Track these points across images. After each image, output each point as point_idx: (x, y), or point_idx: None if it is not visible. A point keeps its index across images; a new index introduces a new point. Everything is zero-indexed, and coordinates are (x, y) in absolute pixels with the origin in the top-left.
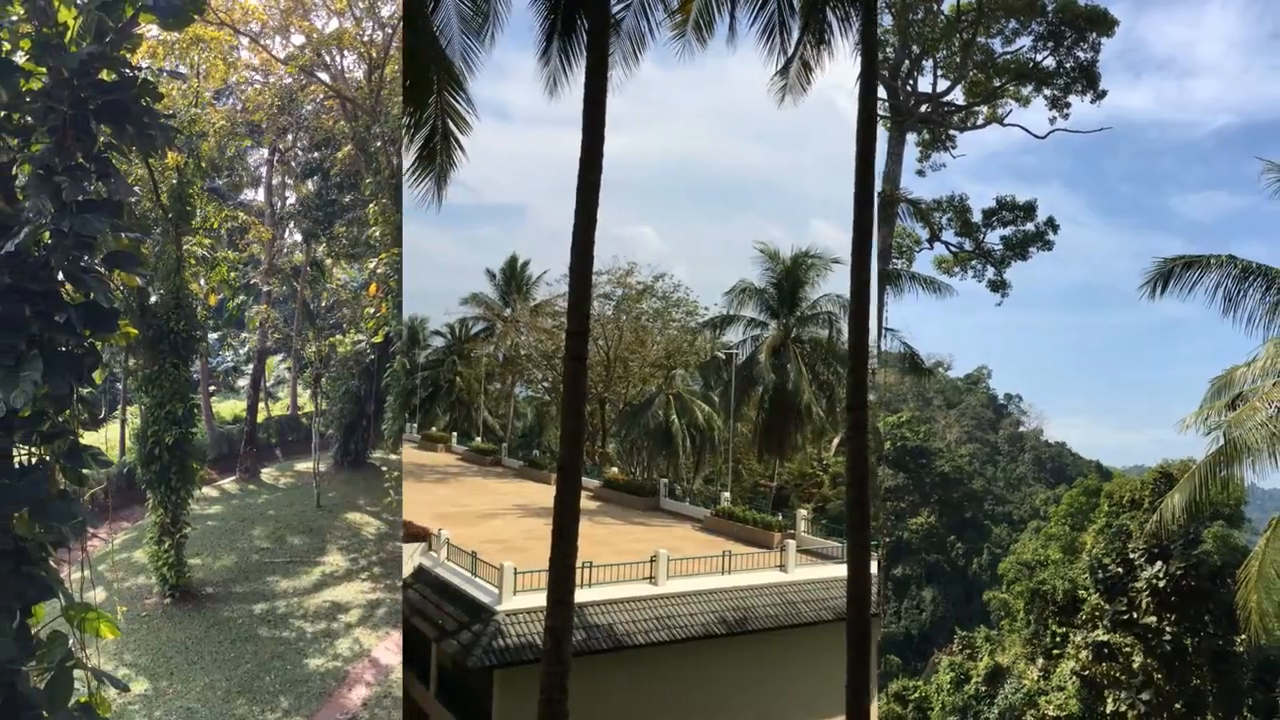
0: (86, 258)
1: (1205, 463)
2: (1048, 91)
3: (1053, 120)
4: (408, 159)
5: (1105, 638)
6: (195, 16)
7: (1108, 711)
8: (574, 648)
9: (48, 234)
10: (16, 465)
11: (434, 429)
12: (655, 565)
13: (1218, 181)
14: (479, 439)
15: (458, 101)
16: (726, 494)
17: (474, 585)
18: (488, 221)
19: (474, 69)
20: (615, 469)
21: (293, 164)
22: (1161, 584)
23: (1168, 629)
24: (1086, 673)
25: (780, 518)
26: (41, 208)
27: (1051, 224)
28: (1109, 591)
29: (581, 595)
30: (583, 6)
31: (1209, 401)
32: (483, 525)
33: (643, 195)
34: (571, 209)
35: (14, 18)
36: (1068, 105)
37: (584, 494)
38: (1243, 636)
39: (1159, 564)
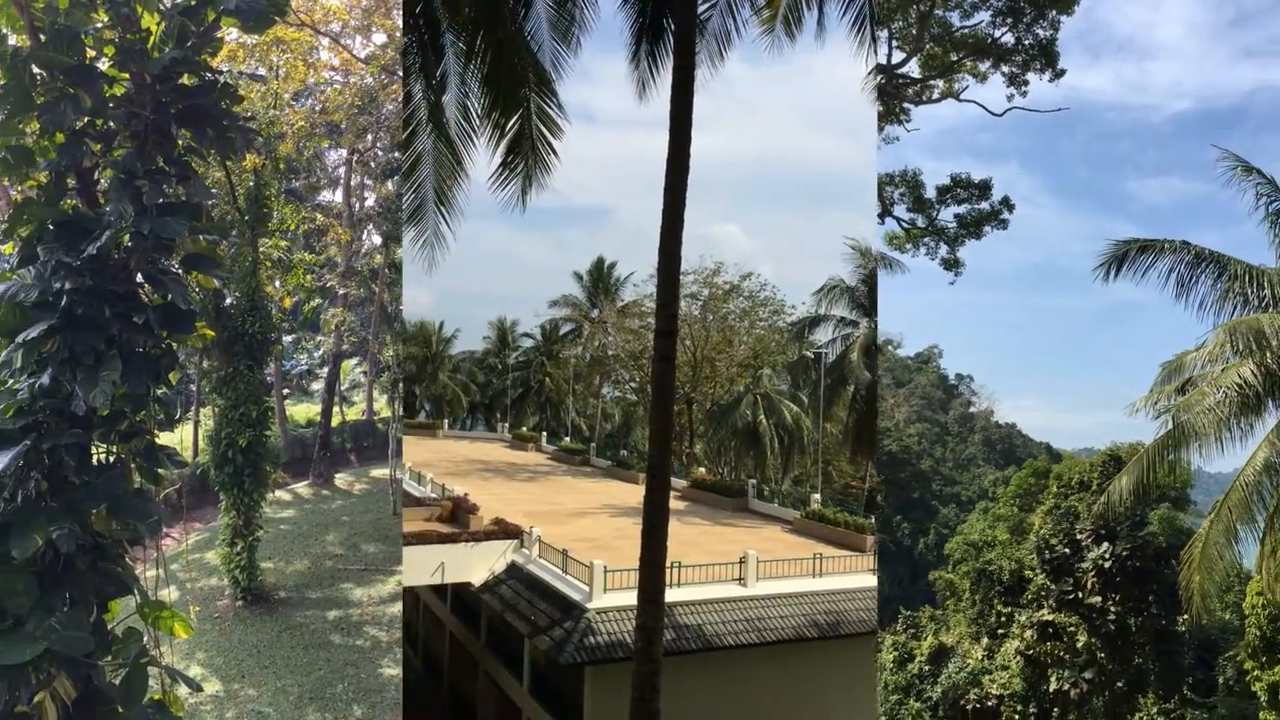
0: (165, 260)
1: (1153, 446)
2: (1005, 68)
3: (1010, 98)
4: (493, 162)
5: (1050, 617)
6: (276, 19)
7: (1050, 690)
8: (664, 647)
9: (128, 237)
10: (95, 463)
11: (523, 428)
12: (744, 566)
13: (1174, 167)
14: (567, 439)
15: (549, 106)
16: (816, 495)
17: (565, 582)
18: (574, 224)
19: (563, 73)
20: (702, 469)
21: (372, 164)
22: (1107, 565)
23: (1112, 609)
24: (1030, 652)
25: (873, 520)
26: (122, 211)
27: (1007, 203)
28: (1055, 572)
29: (671, 595)
30: (670, 9)
31: (1159, 386)
32: (572, 523)
33: (729, 194)
34: (656, 209)
35: (98, 25)
36: (1026, 83)
37: (672, 494)
38: (1185, 616)
39: (1105, 545)
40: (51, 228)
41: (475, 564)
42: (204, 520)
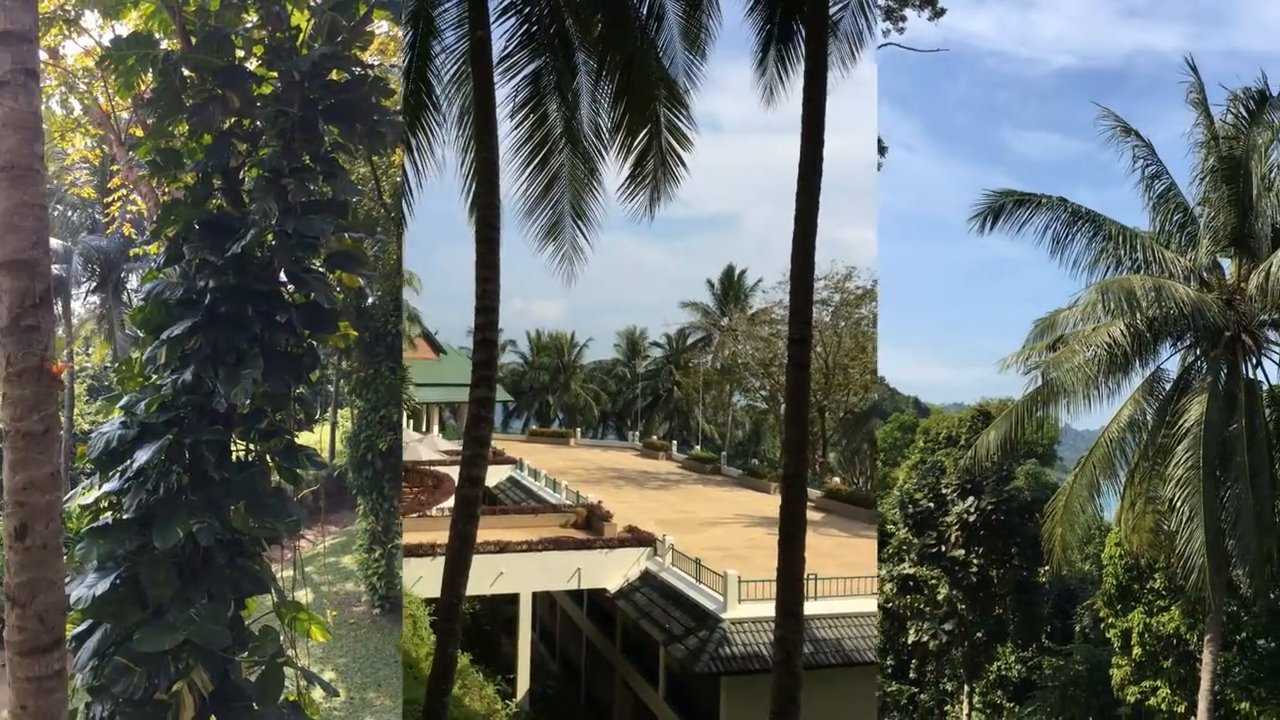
0: (309, 258)
1: (1022, 402)
2: (882, 0)
3: (886, 33)
4: (622, 173)
5: (911, 571)
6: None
7: (909, 642)
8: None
9: (272, 235)
10: (234, 460)
11: (654, 437)
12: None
13: (1054, 123)
14: (698, 447)
15: (679, 118)
16: None
17: (698, 591)
18: (700, 232)
19: (694, 84)
20: (837, 479)
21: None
22: (971, 519)
23: (974, 561)
24: (890, 605)
25: None
26: (267, 210)
27: (880, 146)
28: (918, 526)
29: (808, 608)
30: (799, 12)
31: (1031, 342)
32: (705, 532)
33: (860, 197)
34: (782, 215)
35: (248, 25)
36: (903, 19)
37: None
38: (1046, 568)
39: (970, 499)
40: (197, 227)
41: (610, 570)
42: (340, 524)
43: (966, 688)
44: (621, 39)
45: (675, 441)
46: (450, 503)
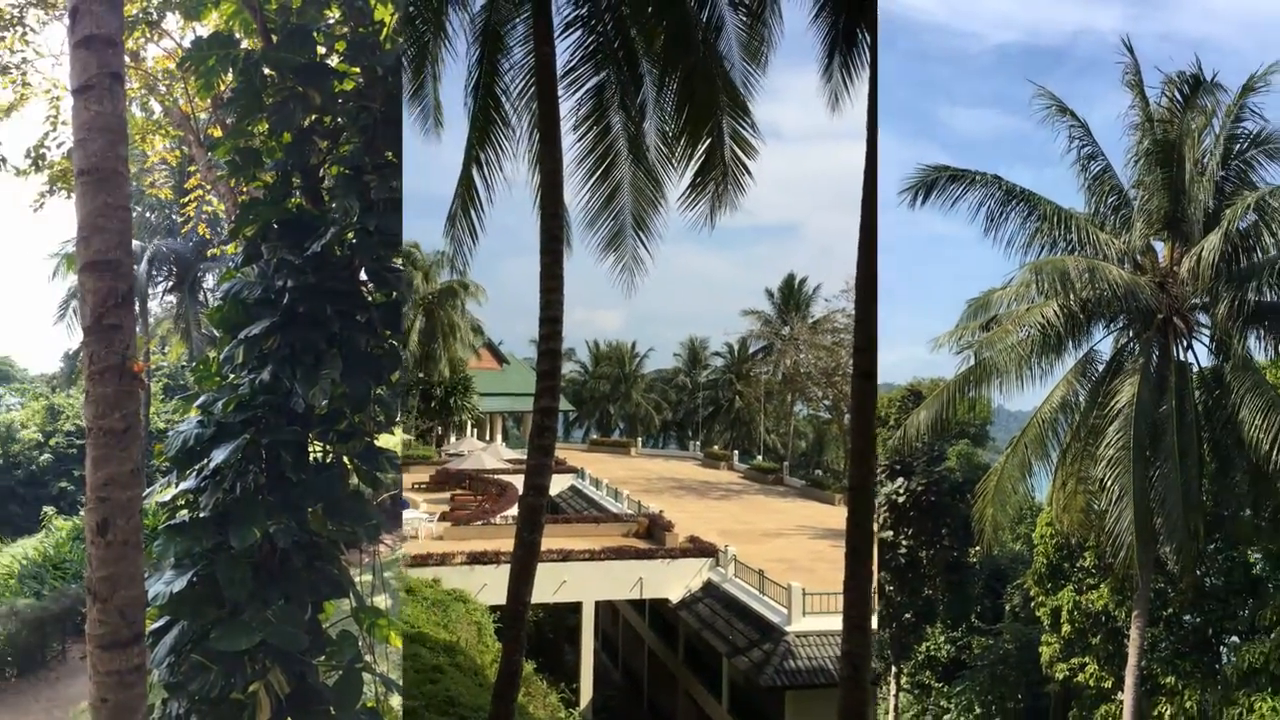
0: (390, 257)
1: (954, 382)
2: None
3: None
4: (683, 183)
5: None
6: None
7: None
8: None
9: (352, 234)
10: (312, 461)
11: (715, 447)
12: None
13: (992, 100)
14: (760, 457)
15: (742, 127)
16: None
17: (762, 603)
18: (761, 241)
19: (754, 92)
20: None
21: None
22: (900, 499)
23: (903, 542)
24: None
25: None
26: (348, 208)
27: None
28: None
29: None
30: (864, 18)
31: (964, 321)
32: (767, 544)
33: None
34: (843, 224)
35: (330, 21)
36: None
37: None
38: (977, 548)
39: (900, 480)
40: (276, 226)
41: (672, 580)
42: None
43: (894, 668)
44: (684, 51)
45: (737, 452)
46: (513, 510)
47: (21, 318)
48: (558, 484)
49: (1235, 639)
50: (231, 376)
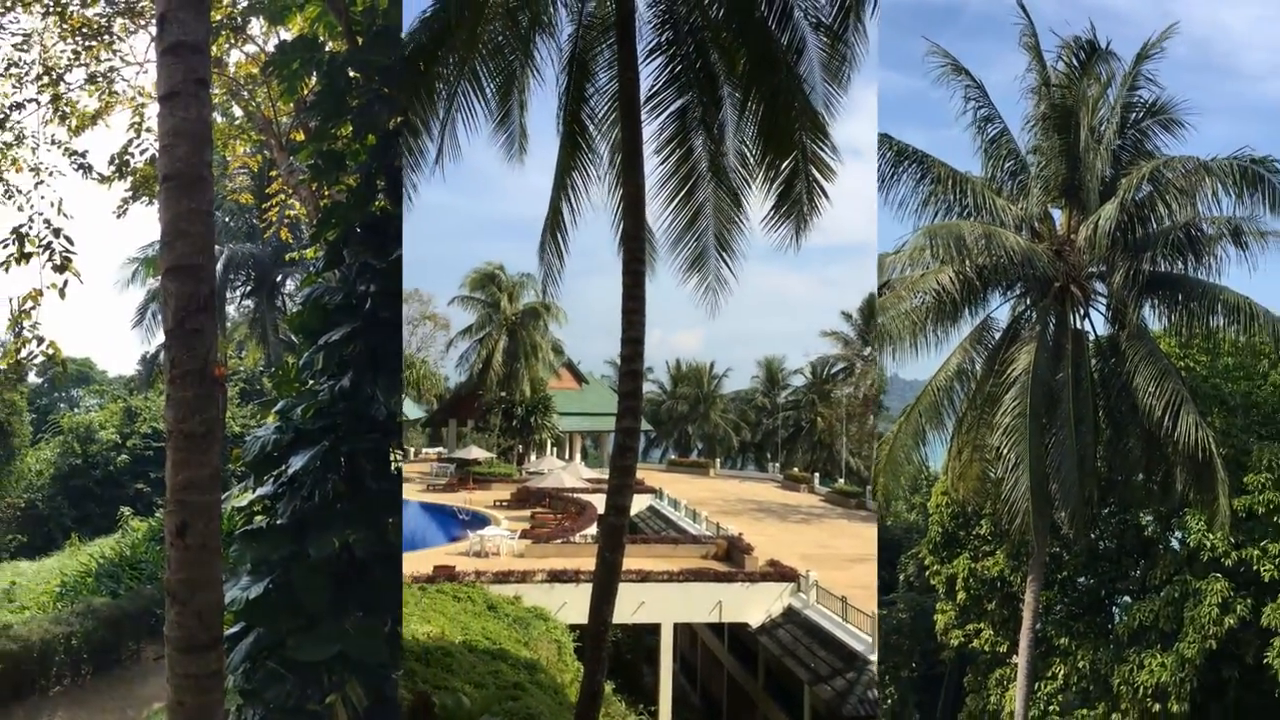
0: None
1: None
2: None
3: None
4: (765, 205)
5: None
6: None
7: None
8: None
9: None
10: (393, 471)
11: (795, 469)
12: None
13: (882, 57)
14: (841, 480)
15: (821, 149)
16: None
17: (845, 631)
18: (838, 261)
19: (835, 114)
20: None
21: None
22: None
23: None
24: None
25: None
26: None
27: None
28: None
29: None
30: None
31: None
32: (851, 570)
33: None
34: None
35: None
36: None
37: None
38: None
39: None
40: (358, 230)
41: (751, 605)
42: None
43: None
44: (766, 73)
45: (817, 474)
46: (593, 529)
47: (101, 321)
48: (636, 504)
49: (1127, 599)
50: (311, 383)
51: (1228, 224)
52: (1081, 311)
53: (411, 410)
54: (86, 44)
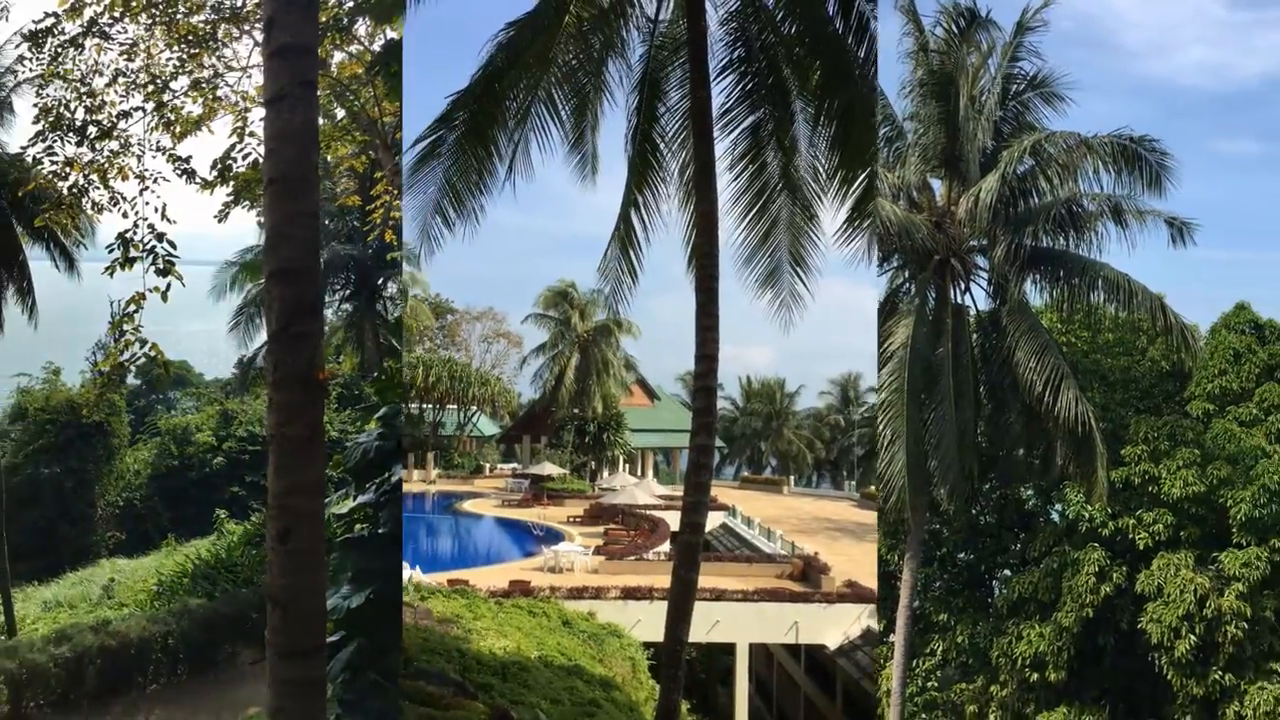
0: None
1: None
2: None
3: None
4: (838, 218)
5: None
6: None
7: None
8: None
9: None
10: None
11: (872, 487)
12: None
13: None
14: None
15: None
16: None
17: None
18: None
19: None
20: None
21: None
22: None
23: None
24: None
25: None
26: None
27: None
28: None
29: None
30: None
31: None
32: None
33: None
34: None
35: None
36: None
37: None
38: None
39: None
40: None
41: (829, 626)
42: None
43: None
44: (840, 85)
45: None
46: (666, 546)
47: (199, 324)
48: (710, 522)
49: (1007, 572)
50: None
51: (1108, 201)
52: (962, 286)
53: (487, 427)
54: (191, 51)
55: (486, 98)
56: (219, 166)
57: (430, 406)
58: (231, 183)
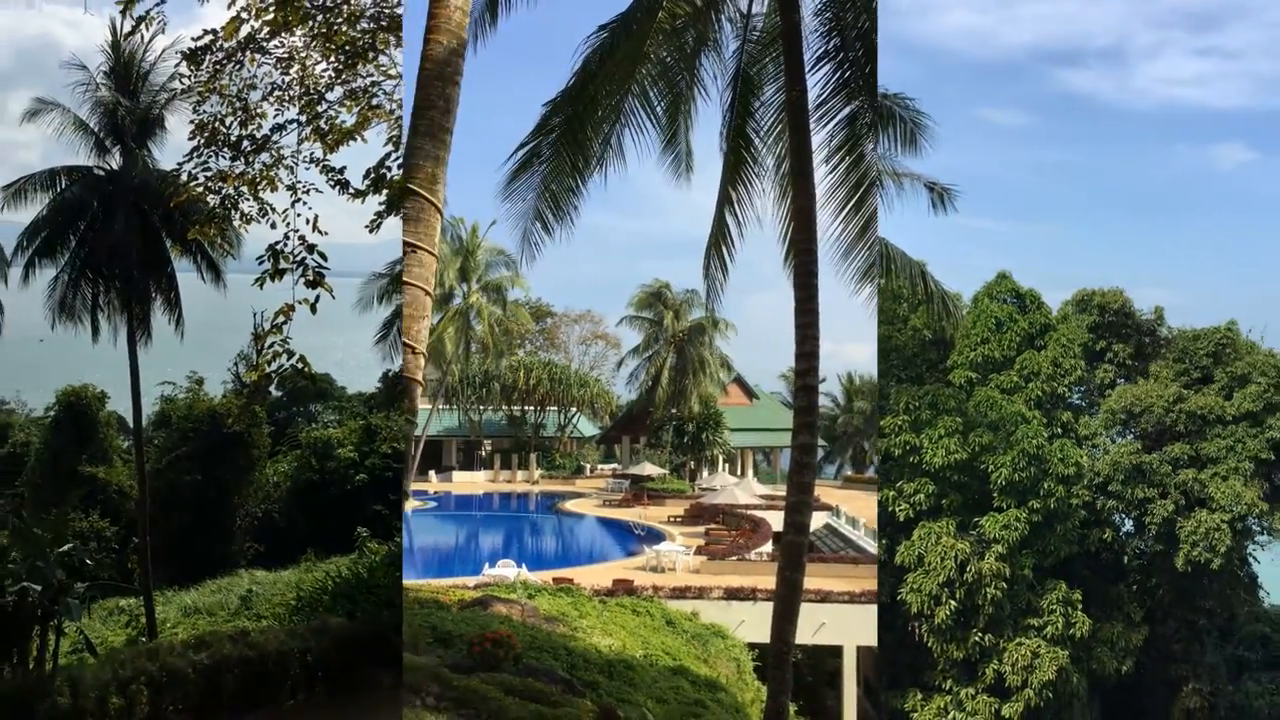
0: None
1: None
2: None
3: None
4: None
5: None
6: None
7: None
8: None
9: None
10: None
11: None
12: None
13: None
14: None
15: None
16: None
17: None
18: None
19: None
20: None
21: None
22: None
23: None
24: None
25: None
26: None
27: None
28: None
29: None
30: None
31: None
32: None
33: None
34: None
35: None
36: None
37: None
38: None
39: None
40: None
41: None
42: None
43: None
44: None
45: None
46: (768, 546)
47: (342, 336)
48: (813, 521)
49: None
50: None
51: None
52: None
53: (587, 428)
54: (348, 61)
55: (581, 101)
56: (372, 175)
57: (531, 409)
58: (385, 191)
